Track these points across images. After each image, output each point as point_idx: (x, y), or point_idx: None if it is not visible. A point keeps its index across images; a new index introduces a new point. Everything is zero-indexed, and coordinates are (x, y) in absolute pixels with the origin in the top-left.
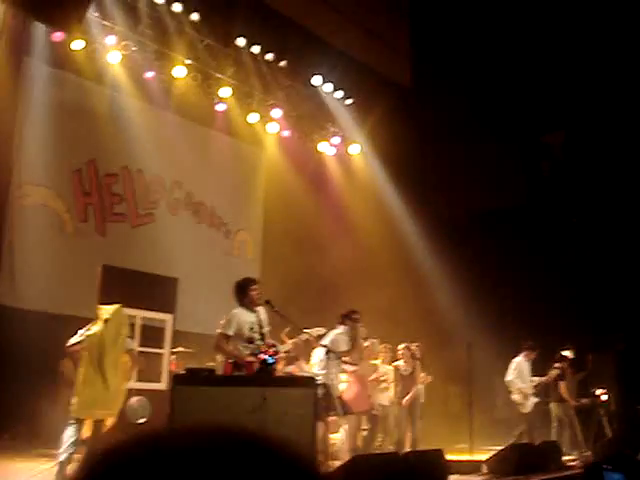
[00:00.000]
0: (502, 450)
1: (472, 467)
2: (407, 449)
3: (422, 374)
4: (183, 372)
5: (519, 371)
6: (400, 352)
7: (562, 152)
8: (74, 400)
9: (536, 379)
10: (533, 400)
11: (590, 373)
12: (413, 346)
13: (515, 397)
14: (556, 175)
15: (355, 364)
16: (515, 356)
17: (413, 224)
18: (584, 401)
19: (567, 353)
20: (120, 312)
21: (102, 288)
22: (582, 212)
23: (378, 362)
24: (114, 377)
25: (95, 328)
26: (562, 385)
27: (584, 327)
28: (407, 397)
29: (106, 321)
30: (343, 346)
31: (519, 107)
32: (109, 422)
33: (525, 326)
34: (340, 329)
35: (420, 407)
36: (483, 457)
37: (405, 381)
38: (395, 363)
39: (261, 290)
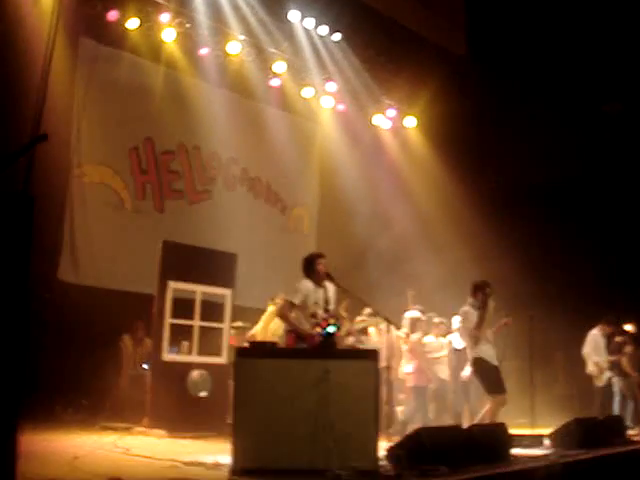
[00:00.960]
0: (566, 424)
1: (534, 441)
2: (465, 424)
3: None
4: (246, 345)
5: (595, 344)
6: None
7: (620, 123)
8: None
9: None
10: (608, 374)
11: None
12: None
13: (590, 369)
14: (614, 146)
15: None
16: (590, 329)
17: (471, 195)
18: None
19: (629, 327)
20: None
21: (163, 264)
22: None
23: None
24: None
25: None
26: (624, 359)
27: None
28: (464, 372)
29: None
30: (473, 320)
31: (577, 75)
32: None
33: (587, 300)
34: (468, 304)
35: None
36: (545, 432)
37: (459, 355)
38: (449, 337)
39: (327, 264)
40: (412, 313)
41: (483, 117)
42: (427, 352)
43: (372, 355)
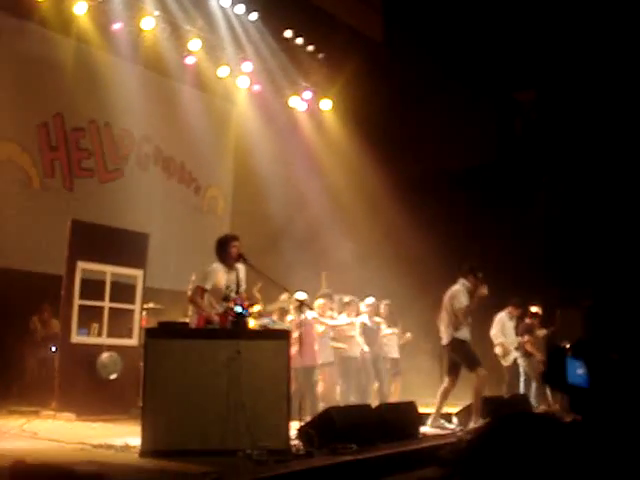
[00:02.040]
0: (472, 402)
1: (443, 419)
2: (375, 402)
3: (393, 330)
4: (155, 326)
5: (501, 326)
6: (367, 308)
7: (534, 110)
8: None
9: (519, 338)
10: (513, 355)
11: (558, 329)
12: (382, 304)
13: (497, 350)
14: (528, 133)
15: None
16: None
17: (386, 178)
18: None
19: (535, 309)
20: None
21: (71, 244)
22: (552, 170)
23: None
24: None
25: None
26: (529, 341)
27: (552, 283)
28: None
29: None
30: (463, 301)
31: (491, 63)
32: None
33: (498, 283)
34: (460, 284)
35: (395, 363)
36: (454, 410)
37: (371, 336)
38: (360, 318)
39: (241, 247)
40: (298, 295)
41: (400, 102)
42: (343, 331)
43: (283, 335)
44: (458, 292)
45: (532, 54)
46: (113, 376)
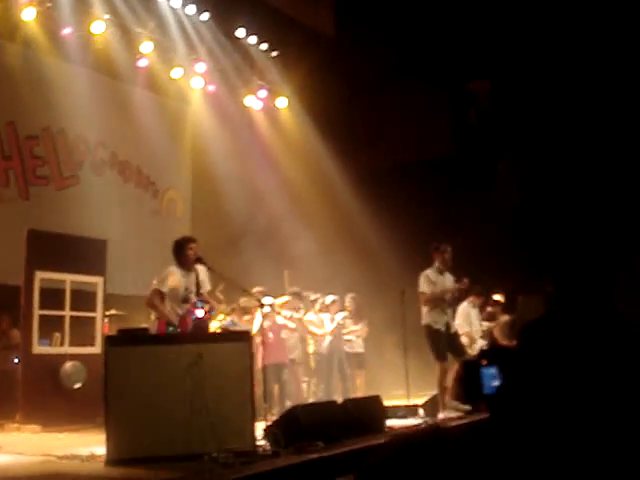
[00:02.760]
0: (437, 393)
1: (409, 411)
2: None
3: (358, 326)
4: (116, 334)
5: (465, 315)
6: (331, 304)
7: (488, 100)
8: None
9: (485, 324)
10: (479, 343)
11: (520, 315)
12: (348, 297)
13: (462, 340)
14: (482, 122)
15: None
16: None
17: (342, 174)
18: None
19: (498, 297)
20: None
21: (29, 254)
22: (508, 157)
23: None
24: None
25: None
26: (496, 328)
27: (513, 270)
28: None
29: None
30: (423, 287)
31: (444, 55)
32: None
33: (457, 272)
34: (431, 268)
35: (359, 358)
36: (420, 402)
37: (335, 333)
38: (325, 314)
39: (198, 249)
40: (265, 300)
41: (355, 96)
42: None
43: (244, 336)
44: (420, 276)
45: (485, 44)
46: (77, 385)
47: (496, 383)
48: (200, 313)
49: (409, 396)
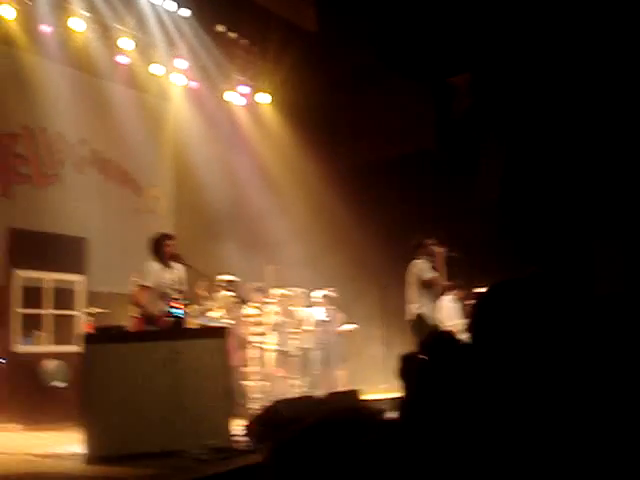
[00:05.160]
0: None
1: (389, 405)
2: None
3: (343, 325)
4: (93, 331)
5: (447, 310)
6: (317, 299)
7: (470, 94)
8: None
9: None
10: (463, 337)
11: None
12: (332, 293)
13: None
14: (465, 117)
15: None
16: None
17: (324, 169)
18: None
19: (480, 291)
20: None
21: (9, 252)
22: (490, 150)
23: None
24: None
25: None
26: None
27: (496, 264)
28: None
29: None
30: (424, 273)
31: (426, 49)
32: None
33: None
34: (418, 261)
35: (339, 353)
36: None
37: (324, 327)
38: (311, 309)
39: (179, 246)
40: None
41: (337, 91)
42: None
43: (221, 332)
44: (419, 268)
45: (467, 37)
46: (60, 384)
47: None
48: (178, 310)
49: (393, 390)
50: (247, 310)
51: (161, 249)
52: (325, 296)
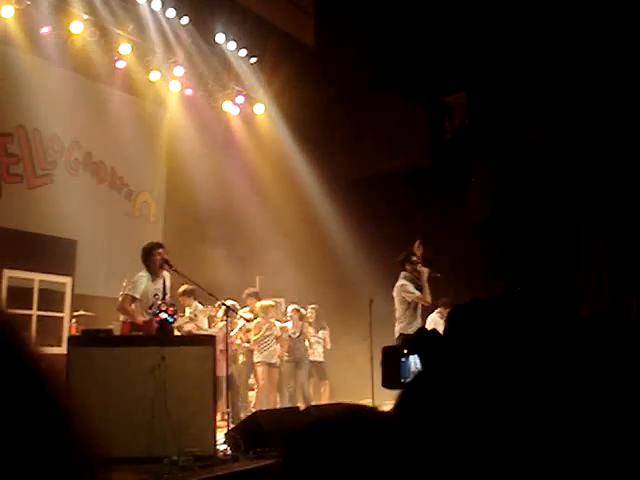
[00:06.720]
0: None
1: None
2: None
3: (319, 335)
4: (78, 334)
5: (435, 325)
6: (289, 314)
7: (465, 114)
8: None
9: None
10: None
11: None
12: (309, 308)
13: None
14: (459, 137)
15: None
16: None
17: (318, 183)
18: None
19: None
20: None
21: None
22: (483, 169)
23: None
24: None
25: None
26: None
27: (485, 282)
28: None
29: None
30: (410, 293)
31: (423, 67)
32: None
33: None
34: (402, 278)
35: (320, 367)
36: (387, 409)
37: (293, 342)
38: (284, 324)
39: (166, 254)
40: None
41: (333, 105)
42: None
43: (208, 341)
44: (403, 287)
45: (463, 57)
46: None
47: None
48: (171, 319)
49: (375, 404)
50: (239, 320)
51: (152, 258)
52: (295, 310)
